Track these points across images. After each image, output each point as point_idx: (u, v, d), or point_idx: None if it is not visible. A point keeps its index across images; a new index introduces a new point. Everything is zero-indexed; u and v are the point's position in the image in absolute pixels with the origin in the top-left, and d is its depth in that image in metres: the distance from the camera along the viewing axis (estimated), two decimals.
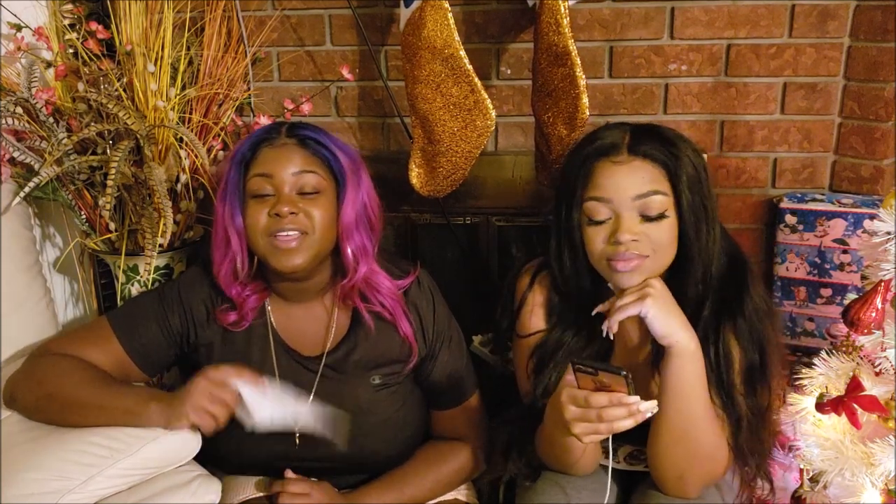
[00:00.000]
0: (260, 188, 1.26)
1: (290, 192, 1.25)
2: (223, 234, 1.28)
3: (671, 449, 1.20)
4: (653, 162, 1.20)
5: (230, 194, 1.27)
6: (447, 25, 1.48)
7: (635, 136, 1.23)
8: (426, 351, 1.39)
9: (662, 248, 1.20)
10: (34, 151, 1.56)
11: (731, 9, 1.74)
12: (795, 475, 1.44)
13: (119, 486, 1.22)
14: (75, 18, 1.72)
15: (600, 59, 1.81)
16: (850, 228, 1.67)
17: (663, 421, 1.18)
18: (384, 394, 1.35)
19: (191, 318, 1.34)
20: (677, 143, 1.22)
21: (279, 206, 1.23)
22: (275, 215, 1.24)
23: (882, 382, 1.21)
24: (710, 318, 1.24)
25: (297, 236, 1.24)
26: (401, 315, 1.35)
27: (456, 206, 1.77)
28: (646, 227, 1.19)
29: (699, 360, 1.17)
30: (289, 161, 1.26)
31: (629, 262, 1.18)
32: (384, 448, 1.35)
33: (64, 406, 1.23)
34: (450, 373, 1.41)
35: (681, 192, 1.19)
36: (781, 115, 1.79)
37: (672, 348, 1.16)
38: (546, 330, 1.33)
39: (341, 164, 1.28)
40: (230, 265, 1.29)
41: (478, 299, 1.76)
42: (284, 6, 1.86)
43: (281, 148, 1.28)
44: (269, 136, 1.29)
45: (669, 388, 1.17)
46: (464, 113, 1.54)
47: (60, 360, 1.28)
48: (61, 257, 1.79)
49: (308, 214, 1.25)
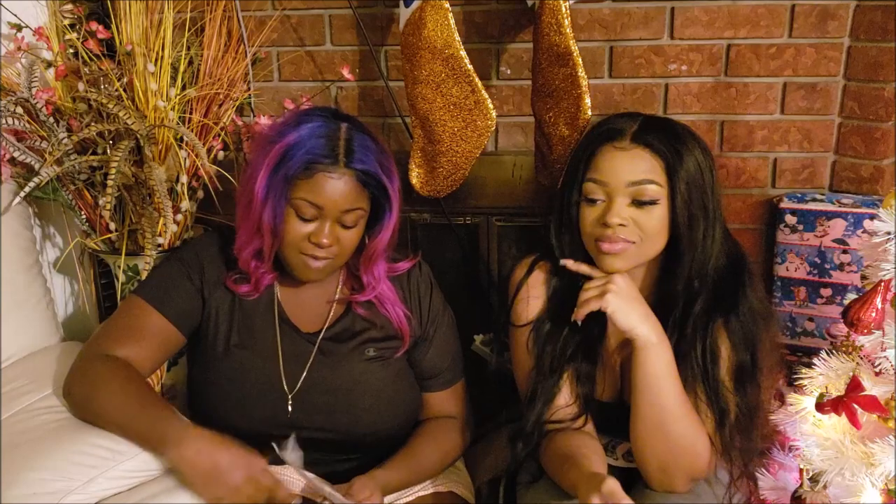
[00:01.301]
0: (306, 212, 1.26)
1: (333, 223, 1.27)
2: (256, 225, 1.27)
3: (648, 441, 1.23)
4: (653, 152, 1.23)
5: (275, 197, 1.24)
6: (447, 25, 1.48)
7: (644, 126, 1.25)
8: (421, 332, 1.43)
9: (650, 236, 1.23)
10: (34, 151, 1.56)
11: (731, 9, 1.74)
12: (795, 475, 1.44)
13: (121, 487, 1.22)
14: (75, 18, 1.72)
15: (600, 59, 1.81)
16: (850, 228, 1.67)
17: (638, 414, 1.23)
18: (377, 366, 1.38)
19: (205, 276, 1.37)
20: (685, 140, 1.24)
21: (320, 236, 1.26)
22: (314, 243, 1.27)
23: (882, 382, 1.22)
24: (700, 314, 1.26)
25: (325, 262, 1.29)
26: (397, 305, 1.40)
27: (456, 206, 1.77)
28: (635, 213, 1.22)
29: (664, 352, 1.21)
30: (342, 197, 1.25)
31: (615, 245, 1.23)
32: (376, 422, 1.37)
33: (106, 423, 1.24)
34: (444, 355, 1.45)
35: (676, 185, 1.22)
36: (781, 115, 1.79)
37: (636, 341, 1.21)
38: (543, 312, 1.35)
39: (391, 201, 1.31)
40: (254, 250, 1.32)
41: (478, 299, 1.77)
42: (284, 6, 1.85)
43: (338, 181, 1.25)
44: (327, 159, 1.24)
45: (638, 381, 1.22)
46: (464, 113, 1.54)
47: (109, 375, 1.27)
48: (61, 257, 1.79)
49: (341, 243, 1.29)
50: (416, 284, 1.44)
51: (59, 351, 1.55)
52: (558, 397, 1.31)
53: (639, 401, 1.22)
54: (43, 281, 1.62)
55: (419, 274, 1.45)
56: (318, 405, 1.33)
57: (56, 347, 1.57)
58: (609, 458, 1.35)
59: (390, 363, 1.40)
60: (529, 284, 1.36)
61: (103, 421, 1.23)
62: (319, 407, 1.33)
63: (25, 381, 1.41)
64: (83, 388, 1.27)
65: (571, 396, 1.31)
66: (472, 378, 1.53)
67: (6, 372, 1.45)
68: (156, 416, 1.22)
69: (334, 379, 1.35)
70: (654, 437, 1.22)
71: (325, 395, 1.34)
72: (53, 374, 1.40)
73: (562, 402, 1.31)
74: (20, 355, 1.51)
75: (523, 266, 1.39)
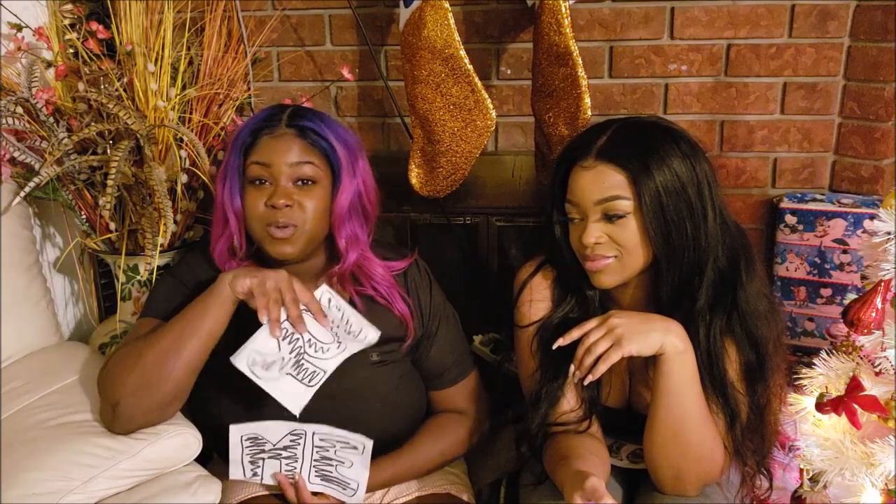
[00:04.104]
0: (257, 175, 1.30)
1: (287, 182, 1.29)
2: (221, 213, 1.33)
3: (665, 449, 1.20)
4: (616, 167, 1.20)
5: (230, 177, 1.31)
6: (447, 25, 1.48)
7: (612, 139, 1.23)
8: (423, 331, 1.43)
9: (628, 249, 1.22)
10: (34, 151, 1.56)
11: (731, 9, 1.74)
12: (795, 475, 1.44)
13: (120, 486, 1.22)
14: (75, 18, 1.72)
15: (600, 59, 1.81)
16: (850, 228, 1.67)
17: (655, 421, 1.20)
18: (382, 370, 1.38)
19: (200, 287, 1.35)
20: (655, 147, 1.21)
21: (275, 197, 1.28)
22: (270, 206, 1.28)
23: (882, 382, 1.21)
24: (702, 312, 1.24)
25: (290, 230, 1.29)
26: (396, 297, 1.39)
27: (456, 206, 1.77)
28: (609, 228, 1.22)
29: (690, 358, 1.18)
30: (287, 151, 1.30)
31: (597, 262, 1.23)
32: (384, 426, 1.36)
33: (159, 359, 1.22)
34: (448, 351, 1.45)
35: (642, 198, 1.19)
36: (781, 115, 1.79)
37: (665, 354, 1.17)
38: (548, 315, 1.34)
39: (338, 156, 1.32)
40: (227, 243, 1.34)
41: (478, 299, 1.76)
42: (284, 6, 1.86)
43: (280, 138, 1.31)
44: (270, 123, 1.32)
45: (661, 388, 1.18)
46: (464, 113, 1.54)
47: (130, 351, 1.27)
48: (61, 257, 1.79)
49: (302, 206, 1.29)
50: (414, 282, 1.44)
51: (58, 351, 1.55)
52: (563, 402, 1.29)
53: (658, 409, 1.19)
54: (43, 281, 1.62)
55: (417, 271, 1.45)
56: (326, 411, 1.31)
57: (56, 347, 1.57)
58: (613, 459, 1.34)
59: (395, 366, 1.39)
60: (533, 286, 1.36)
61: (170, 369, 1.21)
62: (327, 413, 1.31)
63: (25, 381, 1.41)
64: (129, 378, 1.22)
65: (576, 401, 1.30)
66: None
67: (6, 372, 1.45)
68: (196, 303, 1.25)
69: (340, 385, 1.32)
70: (671, 445, 1.19)
71: (331, 401, 1.31)
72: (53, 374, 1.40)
73: (566, 407, 1.30)
74: (20, 355, 1.51)
75: (528, 267, 1.38)
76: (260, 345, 1.22)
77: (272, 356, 1.22)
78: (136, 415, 1.24)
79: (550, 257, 1.35)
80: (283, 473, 1.30)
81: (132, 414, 1.23)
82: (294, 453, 1.29)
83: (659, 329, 1.17)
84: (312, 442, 1.28)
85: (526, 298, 1.36)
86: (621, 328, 1.15)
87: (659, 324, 1.18)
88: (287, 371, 1.23)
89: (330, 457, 1.28)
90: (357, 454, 1.27)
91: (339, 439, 1.27)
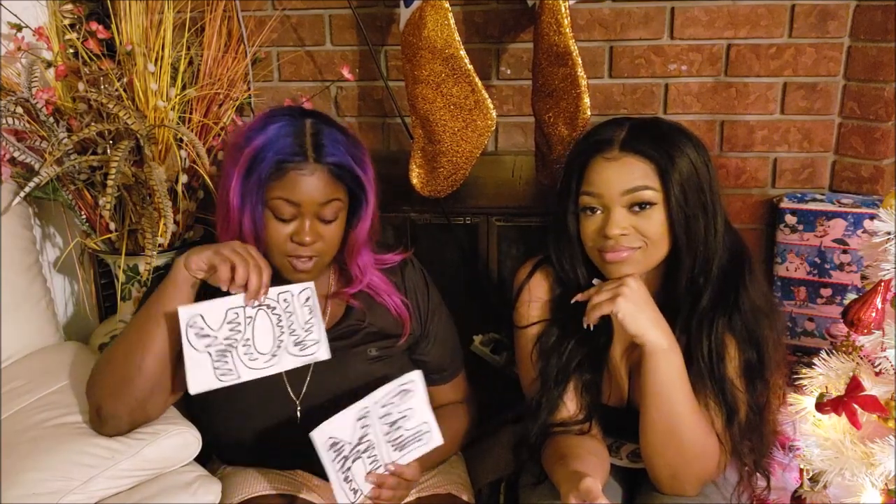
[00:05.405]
0: (284, 212, 1.26)
1: (313, 218, 1.27)
2: (236, 234, 1.27)
3: (659, 449, 1.21)
4: (643, 158, 1.22)
5: (251, 203, 1.24)
6: (447, 25, 1.48)
7: (632, 132, 1.24)
8: (421, 330, 1.43)
9: (653, 240, 1.22)
10: (34, 151, 1.56)
11: (731, 9, 1.74)
12: (795, 475, 1.44)
13: (120, 486, 1.22)
14: (75, 18, 1.72)
15: (600, 59, 1.81)
16: (850, 228, 1.67)
17: (647, 422, 1.21)
18: (379, 366, 1.38)
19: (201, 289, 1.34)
20: (675, 141, 1.23)
21: (301, 234, 1.25)
22: (296, 242, 1.26)
23: (882, 382, 1.22)
24: (705, 312, 1.24)
25: (313, 262, 1.28)
26: (393, 293, 1.40)
27: (456, 206, 1.77)
28: (634, 220, 1.21)
29: (674, 359, 1.19)
30: (317, 191, 1.25)
31: (619, 254, 1.22)
32: None
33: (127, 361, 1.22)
34: (444, 348, 1.46)
35: (670, 188, 1.21)
36: (781, 115, 1.79)
37: (645, 347, 1.18)
38: (547, 321, 1.34)
39: (365, 190, 1.30)
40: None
41: (477, 299, 1.76)
42: (284, 6, 1.86)
43: (310, 177, 1.25)
44: (296, 159, 1.24)
45: (648, 388, 1.20)
46: (464, 113, 1.54)
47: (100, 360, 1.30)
48: (61, 257, 1.79)
49: (323, 237, 1.28)
50: (411, 281, 1.44)
51: (58, 351, 1.55)
52: (563, 408, 1.30)
53: (649, 408, 1.20)
54: (43, 281, 1.62)
55: (413, 270, 1.45)
56: (327, 408, 1.29)
57: (56, 347, 1.57)
58: (613, 459, 1.34)
59: (393, 361, 1.40)
60: (532, 287, 1.36)
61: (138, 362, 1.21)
62: (328, 410, 1.28)
63: (25, 381, 1.41)
64: (105, 380, 1.25)
65: (576, 406, 1.31)
66: (473, 378, 1.53)
67: (6, 372, 1.45)
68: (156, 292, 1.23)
69: (340, 381, 1.34)
70: (665, 445, 1.20)
71: (332, 398, 1.32)
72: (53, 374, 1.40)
73: (565, 415, 1.30)
74: (20, 355, 1.51)
75: (526, 268, 1.38)
76: (206, 309, 1.18)
77: (208, 330, 1.18)
78: (121, 414, 1.23)
79: (549, 257, 1.35)
80: (371, 472, 1.22)
81: (116, 414, 1.23)
82: (370, 441, 1.21)
83: (651, 319, 1.19)
84: (377, 415, 1.22)
85: (525, 299, 1.36)
86: (626, 291, 1.18)
87: (652, 315, 1.20)
88: (210, 352, 1.18)
89: (395, 419, 1.23)
90: (413, 395, 1.23)
91: (393, 393, 1.22)
